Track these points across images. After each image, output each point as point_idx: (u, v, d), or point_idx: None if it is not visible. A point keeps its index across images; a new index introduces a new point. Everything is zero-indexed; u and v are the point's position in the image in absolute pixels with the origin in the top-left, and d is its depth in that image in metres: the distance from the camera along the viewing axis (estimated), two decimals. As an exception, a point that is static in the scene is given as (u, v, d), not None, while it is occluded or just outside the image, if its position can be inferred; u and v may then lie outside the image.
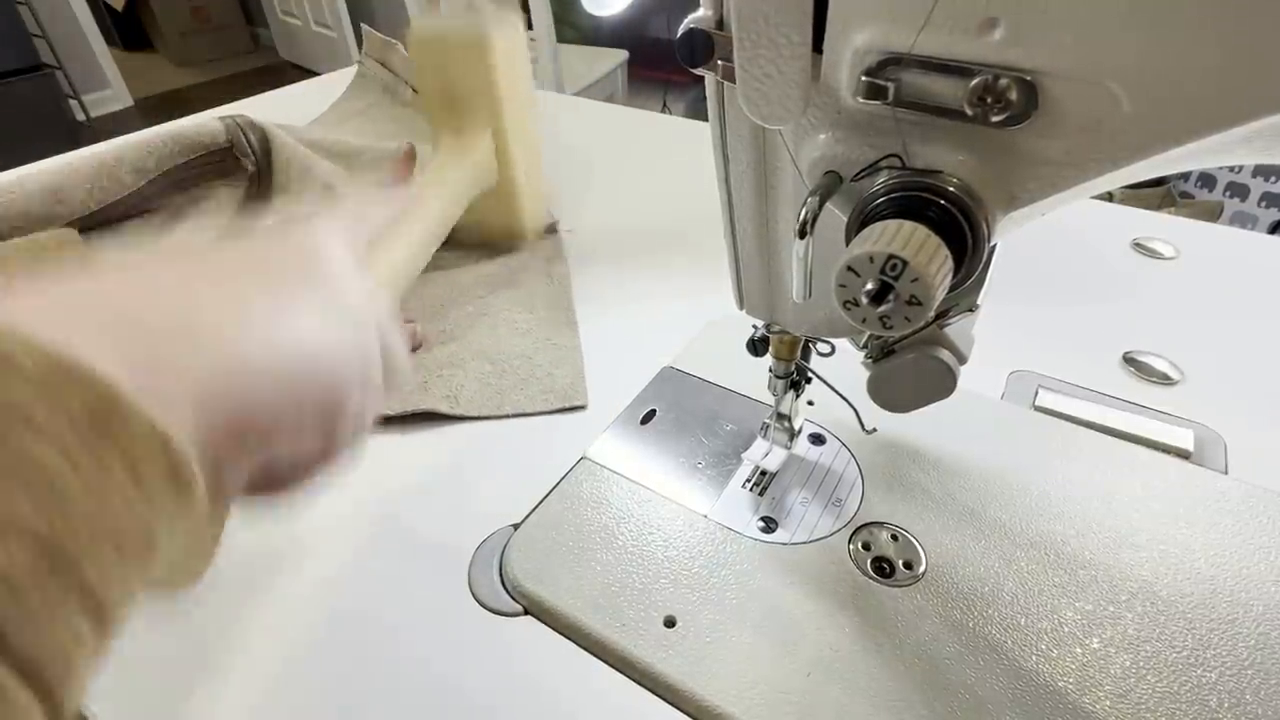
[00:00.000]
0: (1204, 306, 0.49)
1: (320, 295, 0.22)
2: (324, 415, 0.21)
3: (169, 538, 0.16)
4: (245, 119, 0.60)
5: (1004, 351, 0.44)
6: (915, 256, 0.18)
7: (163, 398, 0.16)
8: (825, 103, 0.21)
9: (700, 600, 0.31)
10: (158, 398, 0.16)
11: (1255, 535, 0.32)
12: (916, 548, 0.32)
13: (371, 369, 0.23)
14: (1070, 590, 0.30)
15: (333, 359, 0.21)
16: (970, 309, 0.25)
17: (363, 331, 0.23)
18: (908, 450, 0.37)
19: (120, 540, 0.15)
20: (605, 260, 0.55)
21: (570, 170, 0.68)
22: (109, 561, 0.14)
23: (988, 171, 0.19)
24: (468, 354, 0.45)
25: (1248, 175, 1.68)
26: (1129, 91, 0.16)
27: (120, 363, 0.15)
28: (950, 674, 0.28)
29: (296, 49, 3.49)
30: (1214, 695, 0.27)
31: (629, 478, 0.37)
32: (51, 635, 0.13)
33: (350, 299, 0.23)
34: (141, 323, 0.17)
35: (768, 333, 0.32)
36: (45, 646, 0.13)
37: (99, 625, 0.15)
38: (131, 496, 0.15)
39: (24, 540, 0.13)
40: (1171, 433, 0.38)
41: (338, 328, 0.22)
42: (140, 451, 0.15)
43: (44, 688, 0.13)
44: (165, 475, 0.16)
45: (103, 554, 0.14)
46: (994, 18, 0.17)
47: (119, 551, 0.15)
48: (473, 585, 0.33)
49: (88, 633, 0.14)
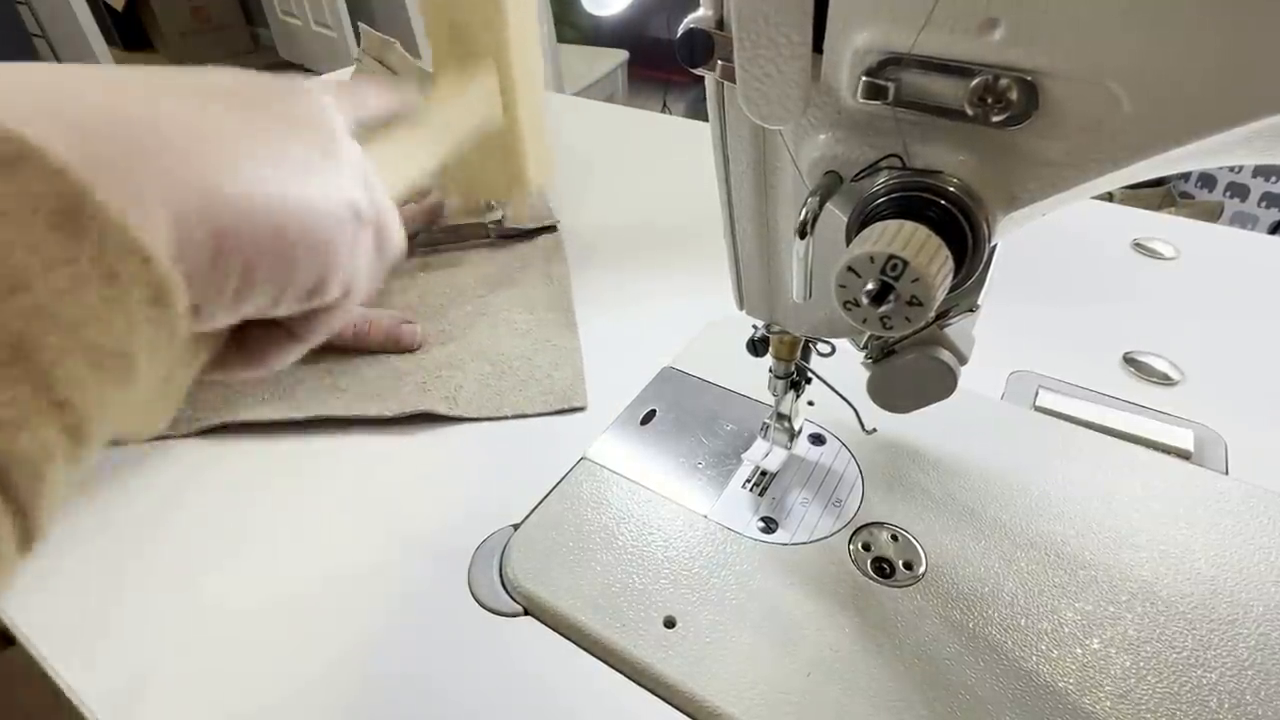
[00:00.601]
0: (1204, 307, 0.49)
1: (307, 134, 0.20)
2: (311, 270, 0.19)
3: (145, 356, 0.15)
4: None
5: (1004, 352, 0.44)
6: (916, 257, 0.18)
7: (137, 204, 0.14)
8: (825, 103, 0.21)
9: (700, 600, 0.31)
10: (132, 203, 0.14)
11: (1256, 535, 0.32)
12: (916, 548, 0.32)
13: (365, 216, 0.21)
14: (1070, 591, 0.30)
15: (321, 201, 0.19)
16: (970, 309, 0.25)
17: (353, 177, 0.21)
18: (908, 450, 0.37)
19: (95, 353, 0.13)
20: (605, 260, 0.55)
21: (570, 170, 0.68)
22: (82, 373, 0.13)
23: (988, 172, 0.19)
24: (467, 355, 0.45)
25: (1248, 175, 1.68)
26: (1129, 92, 0.16)
27: (91, 162, 0.14)
28: (950, 674, 0.28)
29: (296, 49, 3.49)
30: (1214, 696, 0.27)
31: (629, 478, 0.37)
32: (17, 441, 0.12)
33: (339, 141, 0.21)
34: (114, 124, 0.15)
35: (768, 333, 0.32)
36: (11, 452, 0.12)
37: (71, 439, 0.13)
38: (109, 309, 0.14)
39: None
40: (1172, 433, 0.38)
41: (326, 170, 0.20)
42: (116, 253, 0.13)
43: (10, 494, 0.12)
44: (145, 289, 0.14)
45: (75, 364, 0.13)
46: (994, 18, 0.17)
47: (94, 366, 0.14)
48: (473, 585, 0.33)
49: (58, 445, 0.13)
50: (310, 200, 0.18)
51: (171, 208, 0.15)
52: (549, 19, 1.78)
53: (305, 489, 0.38)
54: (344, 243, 0.20)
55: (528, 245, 0.56)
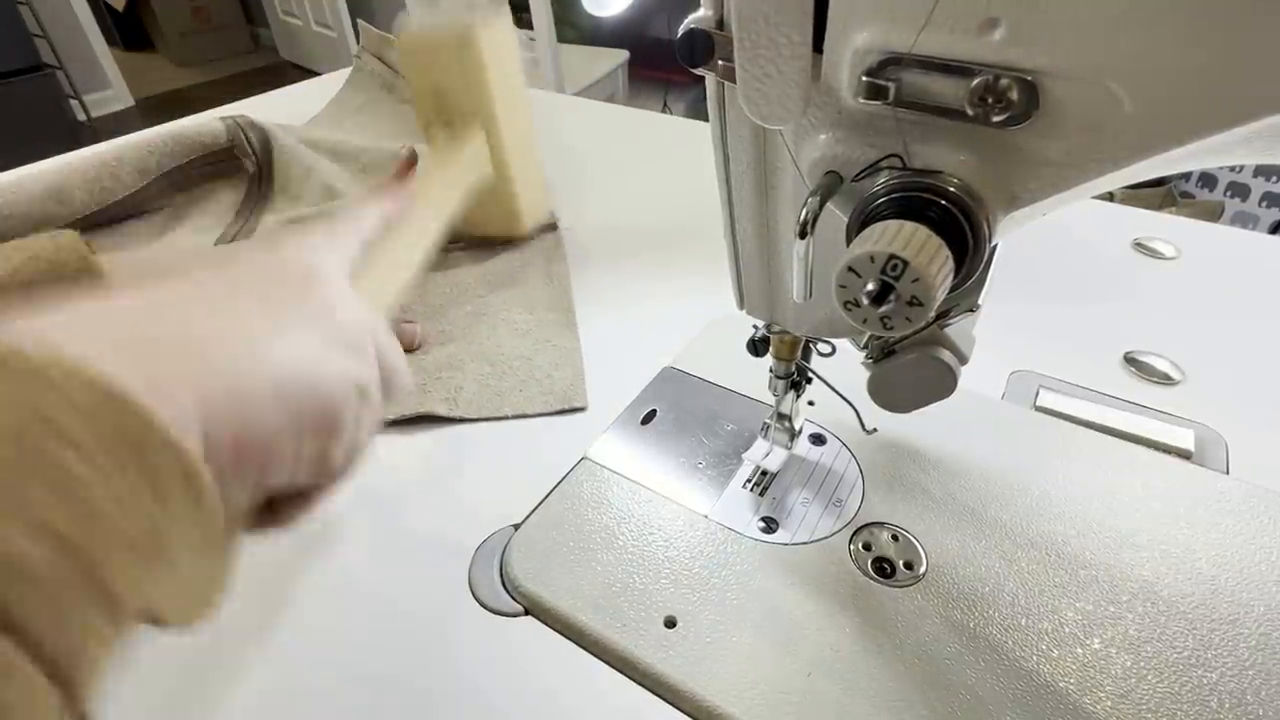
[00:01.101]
0: (1205, 306, 0.49)
1: (315, 315, 0.22)
2: (321, 436, 0.21)
3: (184, 550, 0.17)
4: (246, 119, 0.60)
5: (1005, 351, 0.44)
6: (916, 257, 0.18)
7: (174, 413, 0.17)
8: (826, 103, 0.21)
9: (701, 600, 0.31)
10: (171, 413, 0.16)
11: (1256, 535, 0.32)
12: (917, 548, 0.32)
13: (369, 386, 0.24)
14: (1071, 590, 0.30)
15: (328, 378, 0.21)
16: (971, 309, 0.25)
17: (358, 349, 0.23)
18: (908, 450, 0.37)
19: (137, 545, 0.15)
20: (605, 260, 0.55)
21: (570, 170, 0.68)
22: (126, 564, 0.15)
23: (988, 172, 0.19)
24: (467, 355, 0.45)
25: (1249, 175, 1.68)
26: (1130, 92, 0.16)
27: (138, 380, 0.16)
28: (951, 674, 0.28)
29: (297, 49, 3.49)
30: (1215, 696, 0.27)
31: (629, 478, 0.37)
32: (69, 628, 0.14)
33: (345, 316, 0.24)
34: (151, 341, 0.18)
35: (768, 333, 0.32)
36: (63, 637, 0.14)
37: (115, 625, 0.15)
38: (150, 505, 0.16)
39: (47, 537, 0.14)
40: (1172, 433, 0.38)
41: (333, 347, 0.22)
42: (160, 464, 0.16)
43: (62, 676, 0.14)
44: (180, 483, 0.16)
45: (121, 558, 0.15)
46: (995, 17, 0.17)
47: (136, 554, 0.15)
48: (473, 585, 0.33)
49: (105, 631, 0.15)
50: (321, 386, 0.21)
51: (200, 412, 0.17)
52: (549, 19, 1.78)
53: (306, 489, 0.38)
54: (349, 419, 0.22)
55: (528, 245, 0.56)
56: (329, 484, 0.24)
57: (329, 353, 0.22)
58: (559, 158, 0.69)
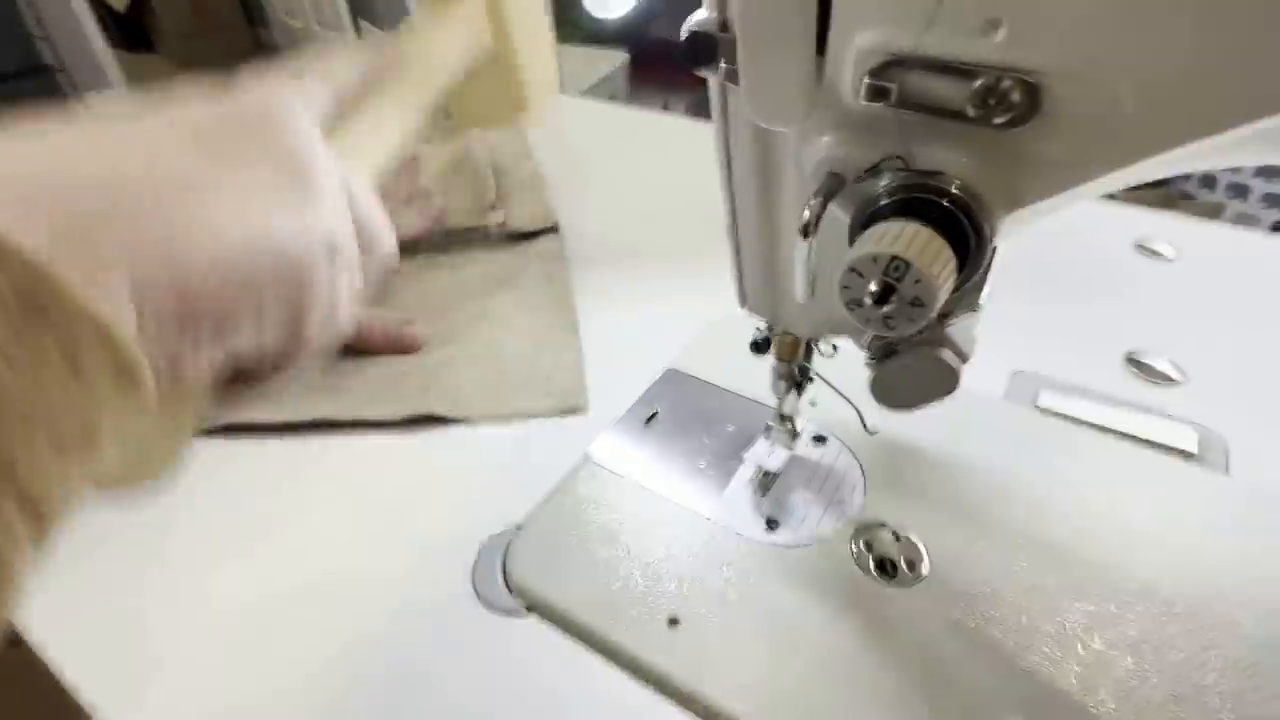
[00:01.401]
0: (1206, 307, 0.49)
1: (278, 167, 0.20)
2: (289, 304, 0.19)
3: (117, 434, 0.15)
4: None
5: (1006, 352, 0.44)
6: (919, 258, 0.18)
7: (97, 279, 0.14)
8: (828, 104, 0.21)
9: (703, 600, 0.31)
10: (92, 279, 0.14)
11: (1257, 535, 0.32)
12: (919, 548, 0.33)
13: (342, 243, 0.21)
14: (1072, 591, 0.30)
15: (289, 233, 0.19)
16: (973, 309, 0.25)
17: (327, 202, 0.21)
18: (910, 450, 0.37)
19: (58, 436, 0.14)
20: (606, 261, 0.55)
21: (571, 170, 0.68)
22: (45, 458, 0.13)
23: (991, 173, 0.19)
24: (467, 356, 0.45)
25: (1248, 176, 1.68)
26: (1131, 93, 0.17)
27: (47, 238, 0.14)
28: (952, 674, 0.28)
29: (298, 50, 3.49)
30: (1216, 696, 0.27)
31: (632, 478, 0.37)
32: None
33: (310, 164, 0.20)
34: (68, 193, 0.15)
35: (770, 333, 0.32)
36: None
37: (35, 524, 0.14)
38: (71, 389, 0.14)
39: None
40: (1174, 433, 0.38)
41: (295, 199, 0.19)
42: (78, 339, 0.14)
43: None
44: (108, 366, 0.14)
45: (38, 450, 0.13)
46: (997, 19, 0.17)
47: (56, 448, 0.14)
48: (476, 585, 0.33)
49: (22, 532, 0.13)
50: (282, 243, 0.18)
51: (133, 275, 0.15)
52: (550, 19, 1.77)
53: (308, 491, 0.38)
54: (320, 280, 0.20)
55: (529, 246, 0.56)
56: (303, 351, 0.21)
57: (289, 205, 0.19)
58: (559, 158, 0.69)
